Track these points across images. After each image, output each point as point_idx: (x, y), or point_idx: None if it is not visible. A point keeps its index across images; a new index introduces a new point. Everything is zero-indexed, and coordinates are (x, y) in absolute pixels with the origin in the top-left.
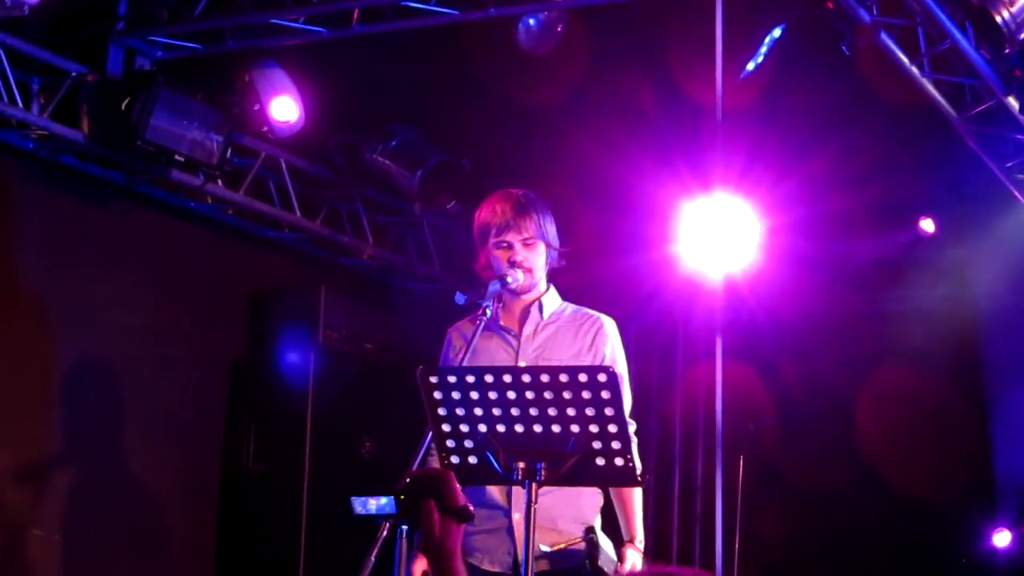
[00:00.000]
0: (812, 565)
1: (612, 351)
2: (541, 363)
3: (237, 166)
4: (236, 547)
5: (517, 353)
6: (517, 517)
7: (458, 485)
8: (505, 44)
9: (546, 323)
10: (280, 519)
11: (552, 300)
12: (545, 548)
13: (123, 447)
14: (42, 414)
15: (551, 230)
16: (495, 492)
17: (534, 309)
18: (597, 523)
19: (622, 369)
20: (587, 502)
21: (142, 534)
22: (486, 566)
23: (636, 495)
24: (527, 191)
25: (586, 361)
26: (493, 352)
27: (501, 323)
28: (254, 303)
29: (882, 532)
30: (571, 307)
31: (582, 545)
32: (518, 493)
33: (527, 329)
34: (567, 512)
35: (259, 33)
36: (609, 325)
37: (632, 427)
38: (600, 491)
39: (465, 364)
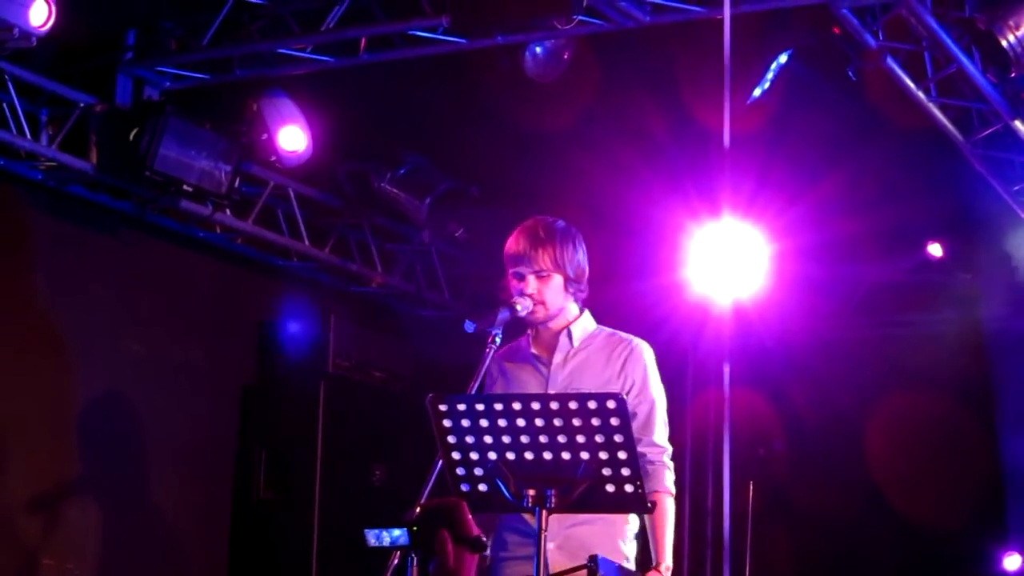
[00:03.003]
0: None
1: (643, 376)
2: (571, 391)
3: (246, 195)
4: (248, 575)
5: (547, 381)
6: (552, 546)
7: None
8: (513, 72)
9: (576, 350)
10: (291, 547)
11: (583, 326)
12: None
13: (134, 476)
14: (53, 444)
15: (573, 261)
16: (529, 520)
17: (563, 337)
18: (633, 551)
19: (657, 394)
20: (622, 531)
21: (154, 563)
22: None
23: (667, 520)
24: (557, 220)
25: (615, 387)
26: (525, 381)
27: (533, 351)
28: (264, 332)
29: (892, 556)
30: (606, 331)
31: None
32: (553, 521)
33: (557, 357)
34: (604, 542)
35: (267, 62)
36: (641, 349)
37: (668, 451)
38: (636, 517)
39: (492, 391)
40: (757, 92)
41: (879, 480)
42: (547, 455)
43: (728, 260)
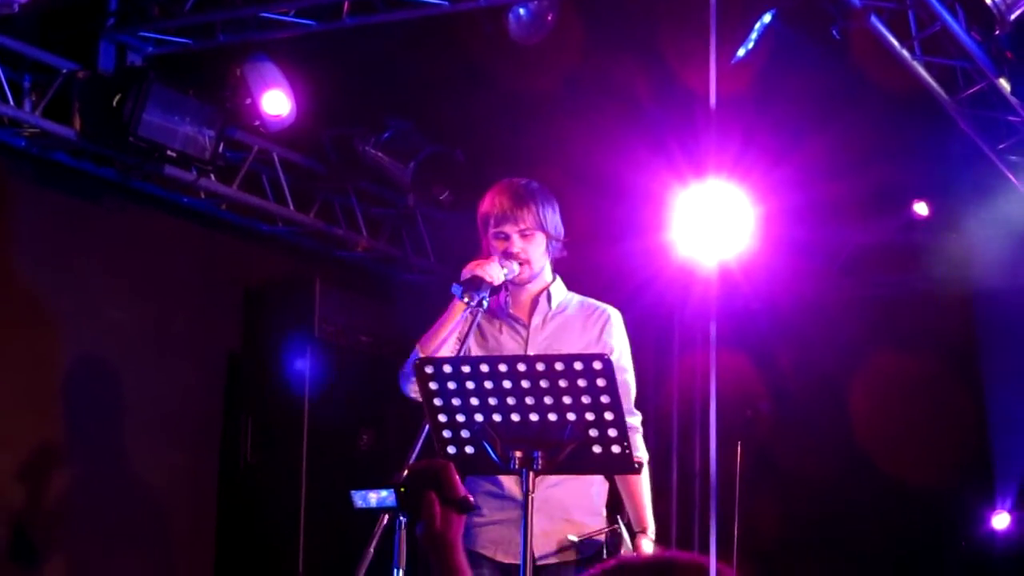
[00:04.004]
0: (809, 550)
1: (621, 345)
2: (551, 353)
3: (230, 161)
4: (235, 541)
5: (526, 343)
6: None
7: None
8: (496, 34)
9: (555, 313)
10: (279, 513)
11: (559, 290)
12: (572, 537)
13: (121, 444)
14: (39, 412)
15: (552, 220)
16: (507, 482)
17: (542, 299)
18: (603, 512)
19: (627, 362)
20: (597, 491)
21: (141, 530)
22: (499, 557)
23: (645, 485)
24: (531, 181)
25: (596, 351)
26: (503, 342)
27: (510, 311)
28: (249, 298)
29: (880, 516)
30: (577, 297)
31: (604, 535)
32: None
33: (536, 319)
34: (581, 503)
35: (250, 27)
36: (616, 317)
37: (638, 418)
38: (606, 480)
39: (472, 353)
40: (741, 52)
41: (866, 440)
42: (533, 417)
43: (713, 222)
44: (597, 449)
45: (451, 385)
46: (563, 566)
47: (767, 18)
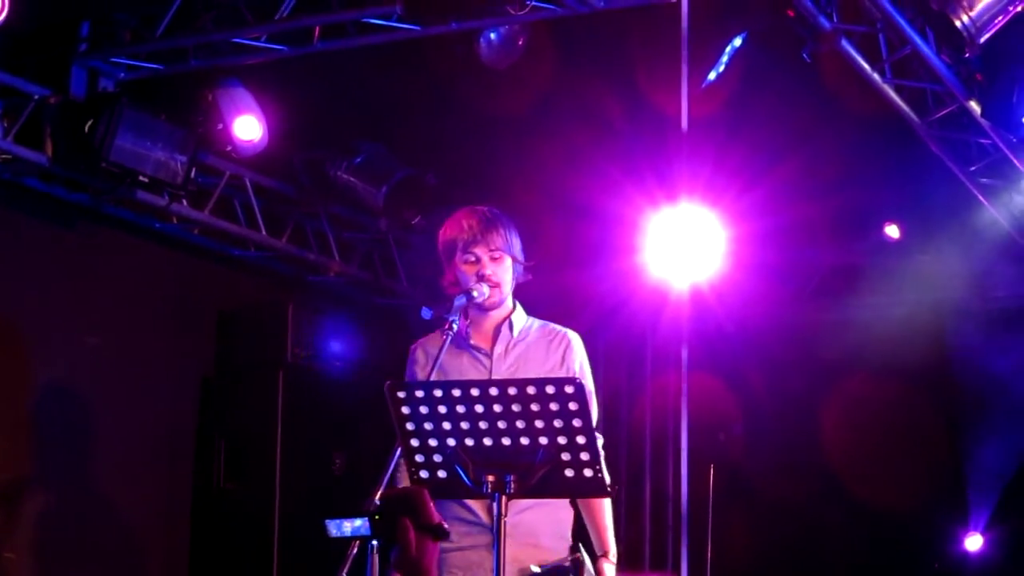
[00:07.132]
0: (781, 572)
1: (581, 366)
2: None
3: (202, 185)
4: (209, 566)
5: (490, 372)
6: None
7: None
8: (468, 58)
9: (516, 340)
10: (252, 537)
11: (520, 318)
12: (535, 569)
13: (94, 468)
14: (12, 437)
15: (517, 245)
16: (477, 508)
17: (505, 327)
18: (569, 537)
19: (589, 383)
20: (565, 517)
21: (115, 555)
22: None
23: (606, 509)
24: (491, 207)
25: (561, 375)
26: (464, 370)
27: (472, 341)
28: (222, 322)
29: (854, 538)
30: (537, 322)
31: (568, 563)
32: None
33: (499, 348)
34: (549, 528)
35: (221, 52)
36: (576, 340)
37: (599, 441)
38: (571, 506)
39: (433, 380)
40: (712, 76)
41: (838, 463)
42: (505, 440)
43: (685, 244)
44: (569, 473)
45: (423, 409)
46: None
47: (738, 42)
